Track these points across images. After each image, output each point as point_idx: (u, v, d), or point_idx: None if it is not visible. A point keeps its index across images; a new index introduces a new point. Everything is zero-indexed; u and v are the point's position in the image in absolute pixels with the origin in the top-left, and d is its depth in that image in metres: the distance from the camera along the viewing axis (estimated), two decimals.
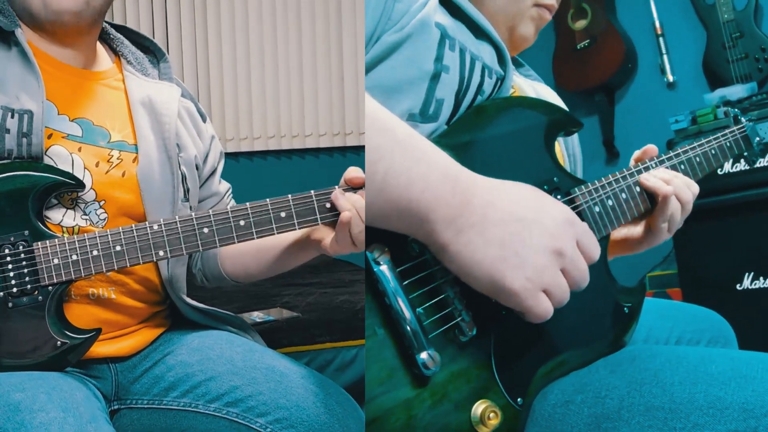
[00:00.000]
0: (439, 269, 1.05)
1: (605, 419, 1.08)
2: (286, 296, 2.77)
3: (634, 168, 1.35)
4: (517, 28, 1.46)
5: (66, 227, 1.35)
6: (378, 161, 0.93)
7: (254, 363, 1.40)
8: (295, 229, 1.33)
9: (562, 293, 1.02)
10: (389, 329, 1.00)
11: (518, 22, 1.45)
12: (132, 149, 1.45)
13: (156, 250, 1.31)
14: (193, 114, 1.61)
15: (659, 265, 3.67)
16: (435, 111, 1.17)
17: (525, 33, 1.47)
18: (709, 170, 1.47)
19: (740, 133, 1.57)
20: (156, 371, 1.43)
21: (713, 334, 1.66)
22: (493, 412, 1.03)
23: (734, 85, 3.45)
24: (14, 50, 1.35)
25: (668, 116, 3.37)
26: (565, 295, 1.02)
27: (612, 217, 1.28)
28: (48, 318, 1.28)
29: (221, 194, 1.67)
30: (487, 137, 1.19)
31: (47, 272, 1.28)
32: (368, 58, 1.14)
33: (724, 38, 3.60)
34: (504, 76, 1.28)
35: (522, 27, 1.46)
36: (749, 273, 3.03)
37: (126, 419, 1.43)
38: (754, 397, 1.02)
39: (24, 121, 1.30)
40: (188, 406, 1.39)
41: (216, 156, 1.66)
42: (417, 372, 0.99)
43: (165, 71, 1.58)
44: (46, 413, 1.14)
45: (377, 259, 1.00)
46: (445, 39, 1.19)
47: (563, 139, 1.49)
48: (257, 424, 1.33)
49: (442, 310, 1.05)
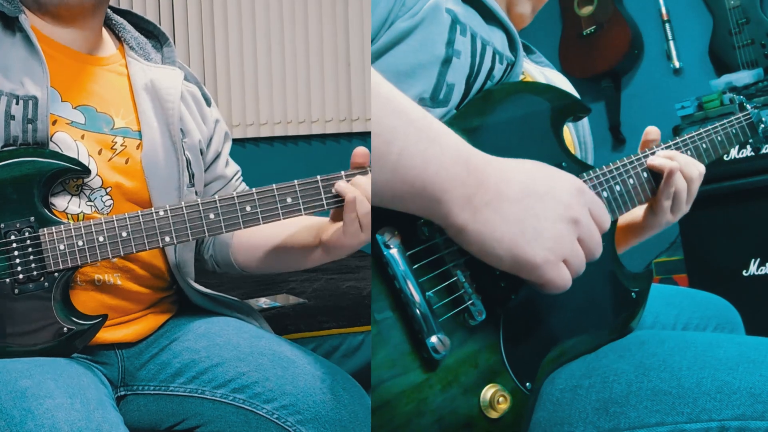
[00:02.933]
0: (449, 253, 1.05)
1: (613, 404, 1.09)
2: (292, 282, 2.77)
3: (641, 154, 1.34)
4: (514, 6, 1.45)
5: (71, 214, 1.35)
6: (392, 141, 0.93)
7: (261, 349, 1.40)
8: (301, 214, 1.33)
9: (580, 262, 1.02)
10: (398, 313, 1.00)
11: (516, 1, 1.45)
12: (136, 135, 1.44)
13: (162, 236, 1.31)
14: (197, 98, 1.60)
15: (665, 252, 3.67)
16: (446, 95, 1.17)
17: (522, 11, 1.46)
18: (715, 157, 1.47)
19: (746, 120, 1.57)
20: (162, 357, 1.44)
21: (720, 320, 1.66)
22: (502, 397, 1.03)
23: (740, 71, 3.44)
24: (18, 36, 1.35)
25: (674, 102, 3.37)
26: (582, 265, 1.02)
27: (620, 203, 1.27)
28: (54, 304, 1.28)
29: (228, 177, 1.66)
30: (495, 122, 1.19)
31: (53, 258, 1.28)
32: (379, 45, 1.13)
33: (731, 24, 3.59)
34: (514, 61, 1.28)
35: (519, 5, 1.46)
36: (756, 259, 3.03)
37: (132, 405, 1.43)
38: (761, 382, 1.02)
39: (29, 107, 1.30)
40: (195, 392, 1.39)
41: (220, 139, 1.65)
42: (426, 356, 0.99)
43: (168, 55, 1.58)
44: (52, 399, 1.14)
45: (387, 243, 1.00)
46: (456, 24, 1.19)
47: (574, 126, 1.48)
48: (264, 410, 1.33)
49: (452, 293, 1.05)
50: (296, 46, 4.37)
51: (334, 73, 4.44)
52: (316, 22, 4.40)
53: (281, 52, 4.35)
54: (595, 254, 1.04)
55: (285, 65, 4.36)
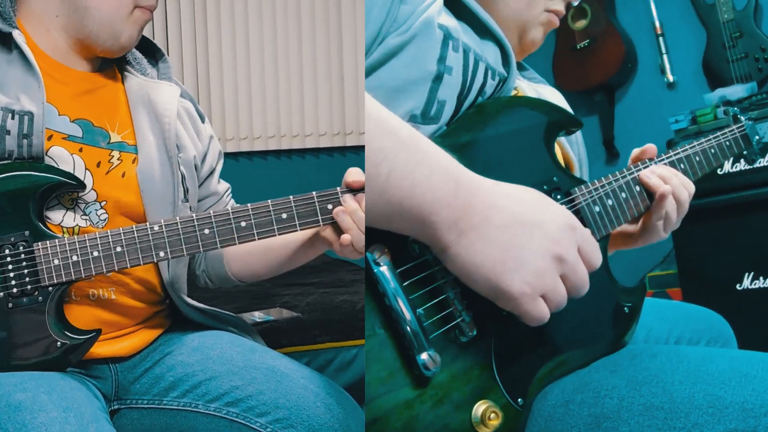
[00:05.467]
0: (439, 270, 1.05)
1: (605, 419, 1.08)
2: (286, 296, 2.76)
3: (634, 168, 1.35)
4: (527, 33, 1.44)
5: (66, 228, 1.35)
6: (381, 163, 0.93)
7: (254, 363, 1.40)
8: (296, 230, 1.33)
9: (560, 299, 1.02)
10: (389, 330, 1.00)
11: (529, 28, 1.44)
12: (132, 150, 1.45)
13: (157, 251, 1.31)
14: (192, 114, 1.60)
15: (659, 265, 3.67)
16: (437, 112, 1.17)
17: (534, 38, 1.46)
18: (708, 169, 1.47)
19: (740, 132, 1.57)
20: (156, 371, 1.44)
21: (713, 334, 1.66)
22: (493, 413, 1.03)
23: (734, 85, 3.45)
24: (15, 52, 1.35)
25: (668, 116, 3.37)
26: (563, 301, 1.02)
27: (612, 217, 1.27)
28: (48, 318, 1.28)
29: (220, 194, 1.66)
30: (487, 136, 1.19)
31: (47, 273, 1.28)
32: (371, 60, 1.13)
33: (724, 38, 3.60)
34: (507, 77, 1.28)
35: (532, 32, 1.45)
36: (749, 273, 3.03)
37: (126, 419, 1.43)
38: (753, 397, 1.02)
39: (24, 122, 1.30)
40: (188, 406, 1.39)
41: (214, 156, 1.65)
42: (417, 373, 0.99)
43: (164, 71, 1.58)
44: (47, 413, 1.14)
45: (377, 260, 1.00)
46: (448, 40, 1.18)
47: (568, 141, 1.49)
48: (257, 424, 1.33)
49: (443, 310, 1.05)
50: (290, 60, 4.38)
51: (327, 88, 4.45)
52: (310, 37, 4.41)
53: (275, 66, 4.36)
54: (579, 292, 1.04)
55: (278, 79, 4.37)
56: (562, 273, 1.01)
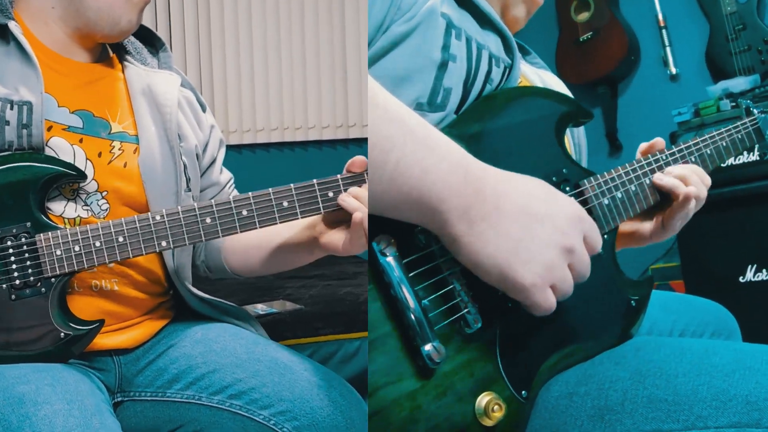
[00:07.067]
0: (445, 261, 1.05)
1: (609, 411, 1.08)
2: (289, 288, 2.76)
3: (644, 161, 1.34)
4: (509, 9, 1.45)
5: (68, 218, 1.35)
6: (390, 151, 0.93)
7: (257, 355, 1.40)
8: (297, 218, 1.33)
9: (568, 288, 1.02)
10: (394, 321, 1.00)
11: (511, 4, 1.45)
12: (133, 140, 1.44)
13: (159, 241, 1.31)
14: (192, 103, 1.60)
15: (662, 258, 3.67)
16: (443, 100, 1.17)
17: (517, 15, 1.46)
18: (720, 162, 1.47)
19: (752, 126, 1.56)
20: (159, 363, 1.43)
21: (717, 327, 1.66)
22: (497, 405, 1.03)
23: (737, 78, 3.43)
24: (12, 44, 1.35)
25: (671, 108, 3.36)
26: (570, 289, 1.03)
27: (621, 210, 1.27)
28: (51, 310, 1.28)
29: (222, 184, 1.66)
30: (497, 127, 1.19)
31: (50, 264, 1.28)
32: (376, 49, 1.13)
33: (727, 30, 3.59)
34: (512, 64, 1.28)
35: (514, 9, 1.46)
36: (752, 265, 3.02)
37: (129, 411, 1.43)
38: (757, 389, 1.02)
39: (23, 112, 1.30)
40: (191, 398, 1.39)
41: (215, 145, 1.65)
42: (422, 364, 0.99)
43: (164, 60, 1.58)
44: (50, 405, 1.14)
45: (383, 251, 1.00)
46: (451, 28, 1.18)
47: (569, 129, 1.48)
48: (260, 416, 1.33)
49: (448, 302, 1.05)
50: (293, 52, 4.37)
51: (330, 80, 4.44)
52: (313, 28, 4.40)
53: (278, 58, 4.35)
54: (584, 277, 1.05)
55: (281, 71, 4.36)
56: (570, 263, 1.02)
